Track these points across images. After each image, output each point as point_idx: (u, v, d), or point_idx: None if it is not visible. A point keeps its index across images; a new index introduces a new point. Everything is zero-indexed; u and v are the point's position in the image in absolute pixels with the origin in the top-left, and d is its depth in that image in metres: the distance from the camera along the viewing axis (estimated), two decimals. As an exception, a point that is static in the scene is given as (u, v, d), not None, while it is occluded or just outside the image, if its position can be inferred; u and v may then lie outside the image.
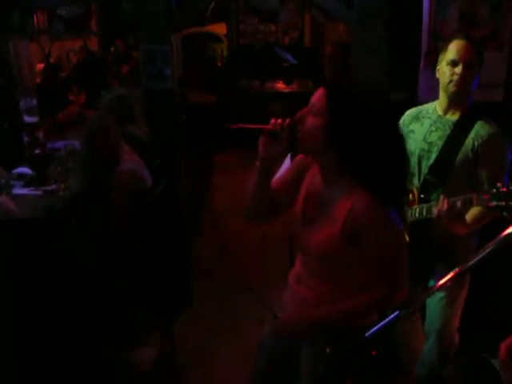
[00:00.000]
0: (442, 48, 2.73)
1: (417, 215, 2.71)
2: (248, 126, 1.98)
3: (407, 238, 2.70)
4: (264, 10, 9.10)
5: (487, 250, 1.39)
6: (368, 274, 1.97)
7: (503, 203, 2.19)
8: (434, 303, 2.85)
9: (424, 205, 2.69)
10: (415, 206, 2.73)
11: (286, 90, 8.59)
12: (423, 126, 2.81)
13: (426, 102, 2.91)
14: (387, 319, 1.35)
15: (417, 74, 4.19)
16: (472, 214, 2.54)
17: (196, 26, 8.67)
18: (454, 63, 2.61)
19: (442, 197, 2.59)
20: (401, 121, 2.93)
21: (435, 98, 2.81)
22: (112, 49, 8.22)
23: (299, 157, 2.13)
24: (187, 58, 9.13)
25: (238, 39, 9.73)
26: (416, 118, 2.88)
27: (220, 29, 9.93)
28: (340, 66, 4.56)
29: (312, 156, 2.01)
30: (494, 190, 2.22)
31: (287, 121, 1.90)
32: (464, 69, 2.59)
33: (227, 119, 7.50)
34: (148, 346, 3.75)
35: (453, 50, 2.63)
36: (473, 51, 2.62)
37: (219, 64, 9.95)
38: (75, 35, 7.86)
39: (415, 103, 3.70)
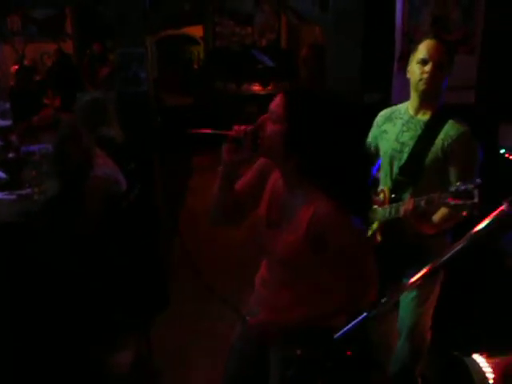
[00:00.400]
0: (413, 49, 2.75)
1: (387, 215, 2.73)
2: (210, 131, 1.99)
3: (379, 238, 2.75)
4: (239, 12, 9.10)
5: (458, 248, 1.40)
6: (332, 279, 1.99)
7: (460, 202, 2.21)
8: (406, 302, 2.86)
9: (393, 205, 2.70)
10: (386, 206, 2.75)
11: (263, 92, 8.61)
12: (395, 126, 2.81)
13: (399, 103, 2.93)
14: (356, 320, 1.37)
15: (391, 77, 4.24)
16: (440, 213, 2.54)
17: (172, 28, 8.64)
18: (423, 62, 2.62)
19: (408, 196, 2.64)
20: (375, 121, 2.95)
21: (407, 99, 2.84)
22: (88, 51, 8.16)
23: (262, 159, 2.13)
24: (163, 60, 9.12)
25: (215, 41, 9.72)
26: (389, 118, 2.88)
27: (196, 31, 9.91)
28: (315, 68, 4.59)
29: (273, 162, 2.02)
30: (453, 189, 2.24)
31: (249, 127, 1.91)
32: (433, 67, 2.60)
33: (203, 121, 7.49)
34: (125, 348, 3.73)
35: (423, 49, 2.65)
36: (443, 51, 2.63)
37: (196, 66, 9.94)
38: (49, 38, 7.80)
39: (389, 105, 3.74)
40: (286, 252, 1.98)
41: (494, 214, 1.29)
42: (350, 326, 1.36)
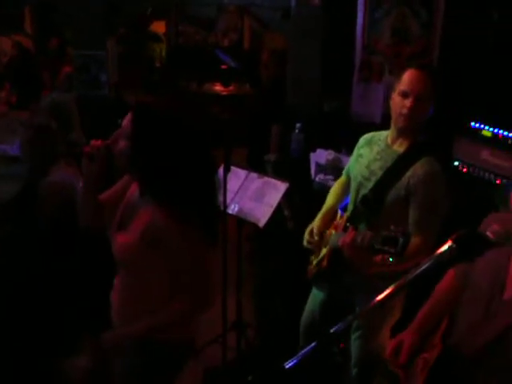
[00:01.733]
0: (397, 78, 2.60)
1: (335, 242, 2.65)
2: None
3: (325, 263, 2.74)
4: (201, 18, 9.07)
5: (420, 269, 1.46)
6: (169, 287, 2.11)
7: (380, 247, 2.08)
8: (352, 340, 2.89)
9: (340, 233, 2.62)
10: (338, 233, 2.68)
11: (224, 93, 8.60)
12: (371, 152, 2.72)
13: (358, 113, 2.94)
14: (307, 349, 1.40)
15: (350, 86, 4.31)
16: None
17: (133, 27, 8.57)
18: (405, 95, 2.49)
19: (349, 228, 2.54)
20: (357, 143, 2.85)
21: (367, 110, 2.83)
22: (47, 47, 7.99)
23: None
24: (125, 57, 9.01)
25: (178, 39, 9.66)
26: (369, 142, 2.78)
27: (159, 27, 9.81)
28: (276, 73, 4.62)
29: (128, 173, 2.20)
30: (385, 233, 2.09)
31: (102, 143, 2.07)
32: (414, 101, 2.47)
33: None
34: (81, 352, 3.70)
35: (405, 80, 2.50)
36: (425, 83, 2.49)
37: (158, 64, 9.85)
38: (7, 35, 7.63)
39: (348, 114, 3.81)
40: (122, 251, 2.11)
41: (442, 247, 1.37)
42: (300, 355, 1.40)
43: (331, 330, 1.43)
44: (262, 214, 3.26)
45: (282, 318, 3.89)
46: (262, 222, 3.23)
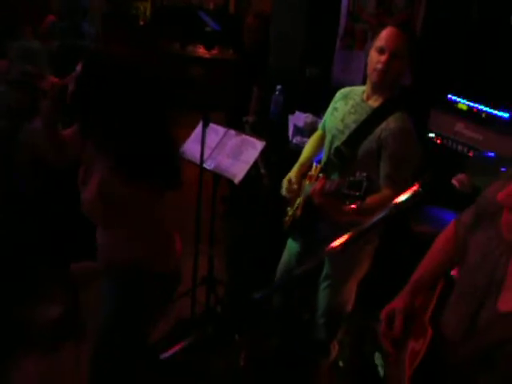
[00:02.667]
0: (375, 33, 2.65)
1: (306, 192, 2.72)
2: None
3: (298, 213, 2.81)
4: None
5: (378, 217, 1.52)
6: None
7: (346, 191, 2.13)
8: (320, 290, 2.97)
9: (313, 183, 2.67)
10: (310, 183, 2.75)
11: (207, 56, 8.59)
12: (347, 105, 2.77)
13: (339, 81, 2.98)
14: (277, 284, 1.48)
15: (333, 53, 4.34)
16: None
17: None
18: (380, 50, 2.54)
19: (321, 176, 2.59)
20: (334, 97, 2.91)
21: (347, 78, 2.87)
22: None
23: None
24: (109, 14, 8.90)
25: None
26: (345, 96, 2.83)
27: (144, -14, 9.72)
28: (259, 37, 4.63)
29: None
30: (352, 178, 2.14)
31: (58, 82, 2.11)
32: (389, 57, 2.51)
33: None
34: (51, 301, 3.74)
35: (382, 37, 2.56)
36: (402, 40, 2.53)
37: (142, 23, 9.76)
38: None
39: (329, 80, 3.84)
40: (86, 209, 2.17)
41: (409, 191, 1.44)
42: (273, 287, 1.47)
43: (298, 271, 1.49)
44: (238, 170, 3.31)
45: (253, 277, 3.97)
46: (237, 179, 3.29)
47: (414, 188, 1.46)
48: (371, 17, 4.24)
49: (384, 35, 2.56)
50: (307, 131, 3.85)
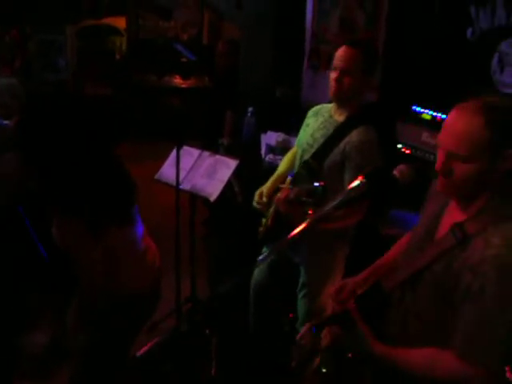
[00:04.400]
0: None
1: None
2: None
3: (269, 223, 2.93)
4: (161, 7, 9.18)
5: (334, 203, 1.64)
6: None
7: (304, 199, 2.28)
8: (299, 299, 3.05)
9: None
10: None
11: (184, 85, 8.76)
12: (317, 122, 2.91)
13: (308, 100, 3.12)
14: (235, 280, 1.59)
15: (301, 74, 4.51)
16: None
17: (94, 18, 8.63)
18: (334, 69, 2.69)
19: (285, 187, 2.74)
20: (307, 114, 3.04)
21: (316, 97, 3.01)
22: (7, 38, 8.01)
23: None
24: (86, 49, 9.07)
25: (138, 33, 9.75)
26: (316, 113, 2.98)
27: (120, 22, 9.90)
28: (230, 62, 4.79)
29: None
30: (308, 186, 2.29)
31: None
32: (339, 75, 2.65)
33: (123, 111, 7.60)
34: (39, 328, 3.78)
35: (335, 55, 2.70)
36: (351, 57, 2.65)
37: (118, 57, 9.93)
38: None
39: (299, 100, 3.99)
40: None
41: (354, 182, 1.58)
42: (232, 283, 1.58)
43: (258, 259, 1.61)
44: (213, 189, 3.42)
45: (235, 293, 4.06)
46: (213, 197, 3.40)
47: (359, 179, 1.60)
48: (335, 36, 4.42)
49: (337, 53, 2.70)
50: (279, 149, 3.99)
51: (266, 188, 3.03)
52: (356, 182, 1.62)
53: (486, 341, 1.59)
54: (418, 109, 4.25)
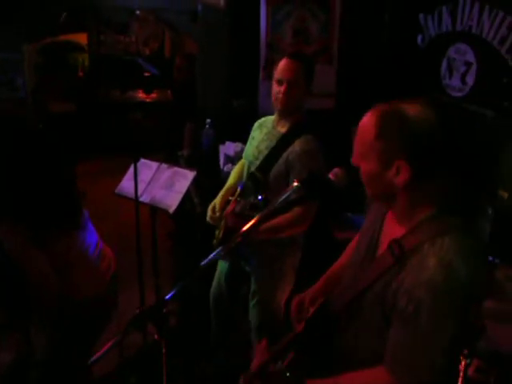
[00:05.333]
0: (275, 66, 2.87)
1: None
2: None
3: (220, 235, 2.99)
4: (118, 22, 9.20)
5: (272, 208, 1.70)
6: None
7: (248, 212, 2.39)
8: (250, 308, 3.13)
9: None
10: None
11: (147, 100, 8.78)
12: (261, 134, 3.00)
13: (265, 110, 3.18)
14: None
15: (258, 84, 4.58)
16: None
17: (52, 36, 8.61)
18: (279, 82, 2.77)
19: (233, 200, 2.84)
20: (253, 127, 3.14)
21: (271, 105, 3.07)
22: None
23: None
24: (48, 66, 9.03)
25: (99, 49, 9.74)
26: (260, 125, 3.07)
27: (81, 38, 9.88)
28: (187, 75, 4.85)
29: None
30: (252, 200, 2.41)
31: None
32: (287, 87, 2.73)
33: (87, 128, 7.60)
34: (4, 349, 3.76)
35: (279, 69, 2.78)
36: (296, 69, 2.75)
37: (81, 73, 9.90)
38: None
39: (256, 110, 4.06)
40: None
41: (290, 187, 1.64)
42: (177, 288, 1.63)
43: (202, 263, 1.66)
44: (172, 200, 3.46)
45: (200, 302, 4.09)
46: (172, 208, 3.44)
47: (294, 184, 1.66)
48: (289, 47, 4.51)
49: (280, 67, 2.79)
50: (237, 159, 4.04)
51: (217, 202, 3.10)
52: (292, 187, 1.68)
53: (419, 363, 1.56)
54: (372, 115, 4.34)
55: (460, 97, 4.07)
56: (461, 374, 2.45)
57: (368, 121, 1.61)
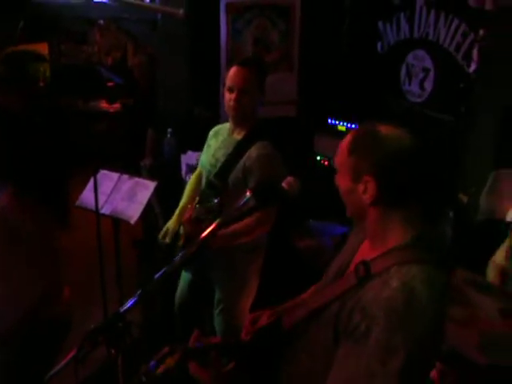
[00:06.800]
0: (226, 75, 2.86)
1: None
2: None
3: (181, 242, 2.97)
4: (79, 32, 9.12)
5: (226, 219, 1.70)
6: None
7: (204, 216, 2.42)
8: (215, 315, 3.11)
9: None
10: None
11: (110, 109, 8.70)
12: (217, 142, 2.99)
13: (226, 118, 3.15)
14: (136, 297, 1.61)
15: (219, 92, 4.56)
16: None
17: (11, 45, 8.50)
18: (230, 90, 2.76)
19: (190, 207, 2.83)
20: (208, 135, 3.12)
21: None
22: None
23: None
24: (7, 78, 8.89)
25: (60, 59, 9.63)
26: (216, 133, 3.06)
27: (41, 48, 9.75)
28: (146, 76, 4.82)
29: None
30: (208, 205, 2.44)
31: None
32: (238, 95, 2.72)
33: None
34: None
35: (229, 77, 2.77)
36: (246, 76, 2.73)
37: (42, 84, 9.77)
38: None
39: (218, 119, 4.05)
40: None
41: (243, 197, 1.63)
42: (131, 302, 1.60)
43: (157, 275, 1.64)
44: (133, 211, 3.43)
45: (165, 312, 4.06)
46: (133, 219, 3.42)
47: (246, 194, 1.65)
48: (249, 55, 4.50)
49: (230, 74, 2.78)
50: (199, 168, 4.04)
51: (171, 224, 3.09)
52: (244, 198, 1.67)
53: None
54: (333, 121, 4.39)
55: (419, 102, 4.13)
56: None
57: (345, 140, 1.61)
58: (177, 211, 3.14)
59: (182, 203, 3.18)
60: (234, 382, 1.64)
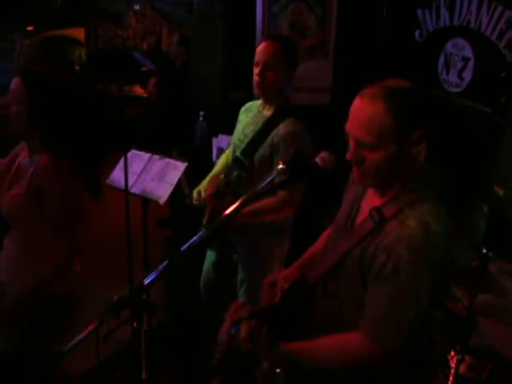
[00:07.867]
0: None
1: None
2: None
3: (205, 221, 2.94)
4: (114, 12, 9.17)
5: (259, 188, 1.66)
6: (51, 239, 2.29)
7: (222, 189, 2.46)
8: (239, 296, 3.08)
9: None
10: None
11: (143, 94, 8.73)
12: (247, 118, 2.97)
13: None
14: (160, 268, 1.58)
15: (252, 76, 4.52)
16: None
17: (49, 28, 8.58)
18: (256, 64, 2.75)
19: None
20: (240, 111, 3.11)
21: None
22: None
23: None
24: (44, 61, 8.98)
25: (97, 43, 9.70)
26: (247, 109, 3.05)
27: (78, 33, 9.83)
28: (181, 55, 4.80)
29: (21, 137, 2.35)
30: (226, 178, 2.47)
31: None
32: (261, 69, 2.71)
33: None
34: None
35: (257, 51, 2.76)
36: (273, 51, 2.70)
37: (77, 67, 9.85)
38: None
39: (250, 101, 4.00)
40: (8, 205, 2.25)
41: (275, 169, 1.59)
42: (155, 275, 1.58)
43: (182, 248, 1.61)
44: (162, 191, 3.43)
45: (190, 297, 4.05)
46: (162, 200, 3.40)
47: (279, 166, 1.61)
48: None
49: (258, 49, 2.77)
50: (230, 151, 4.01)
51: (202, 186, 3.10)
52: (277, 169, 1.63)
53: (395, 322, 1.61)
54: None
55: (457, 92, 4.02)
56: (452, 370, 2.41)
57: (373, 108, 1.57)
58: (207, 178, 3.15)
59: (213, 171, 3.19)
60: (270, 344, 1.70)
